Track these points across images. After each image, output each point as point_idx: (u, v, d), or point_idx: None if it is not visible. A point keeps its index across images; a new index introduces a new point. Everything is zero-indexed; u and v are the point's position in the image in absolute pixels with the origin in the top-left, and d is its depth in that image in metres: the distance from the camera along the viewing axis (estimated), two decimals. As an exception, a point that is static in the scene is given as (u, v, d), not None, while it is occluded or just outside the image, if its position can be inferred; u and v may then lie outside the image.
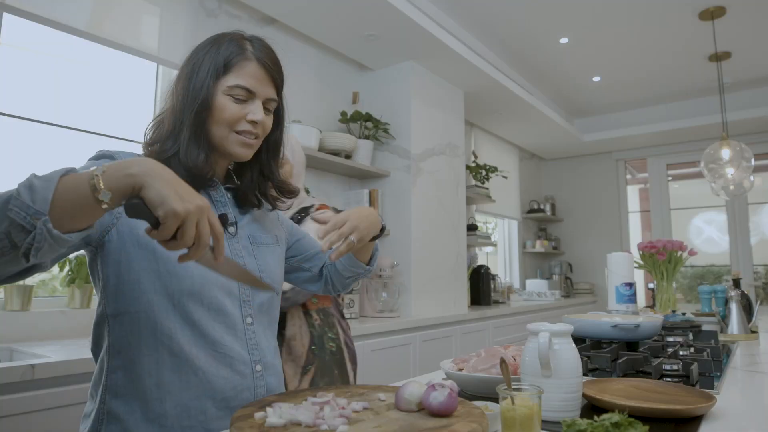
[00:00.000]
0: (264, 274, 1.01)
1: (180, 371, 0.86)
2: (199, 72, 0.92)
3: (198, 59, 0.93)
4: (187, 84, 0.92)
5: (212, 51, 0.93)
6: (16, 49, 2.08)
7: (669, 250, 2.42)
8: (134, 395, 0.85)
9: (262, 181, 1.05)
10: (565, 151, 6.21)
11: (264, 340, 0.99)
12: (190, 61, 0.95)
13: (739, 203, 5.39)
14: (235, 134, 0.93)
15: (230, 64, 0.92)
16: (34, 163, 2.11)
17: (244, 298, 0.96)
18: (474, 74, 3.74)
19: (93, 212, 0.65)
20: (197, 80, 0.91)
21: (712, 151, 3.63)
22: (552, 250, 6.00)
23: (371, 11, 2.83)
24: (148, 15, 2.40)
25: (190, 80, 0.92)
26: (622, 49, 4.14)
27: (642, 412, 0.84)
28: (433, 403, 0.74)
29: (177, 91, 0.94)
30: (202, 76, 0.91)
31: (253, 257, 1.00)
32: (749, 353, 1.60)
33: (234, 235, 0.99)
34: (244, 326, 0.95)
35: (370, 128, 3.32)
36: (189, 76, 0.93)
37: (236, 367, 0.92)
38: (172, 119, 0.92)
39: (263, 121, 0.94)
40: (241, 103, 0.92)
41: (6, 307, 1.88)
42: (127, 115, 2.36)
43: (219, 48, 0.93)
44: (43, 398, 1.41)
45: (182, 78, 0.94)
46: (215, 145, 0.94)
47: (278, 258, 1.08)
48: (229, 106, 0.91)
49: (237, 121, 0.92)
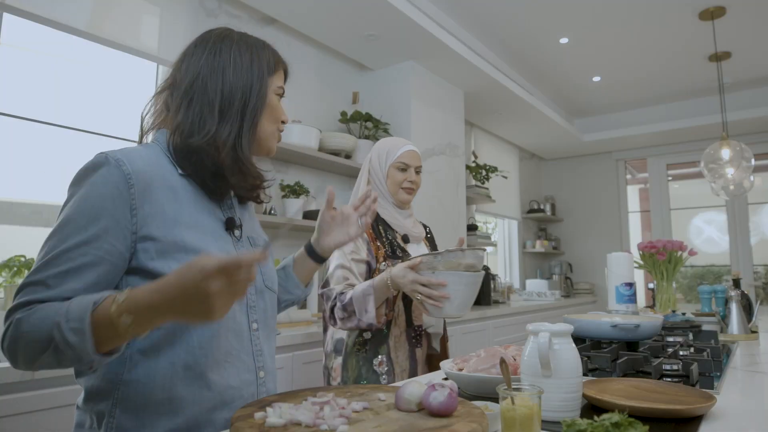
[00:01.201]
0: (266, 276, 1.00)
1: (193, 385, 0.85)
2: (252, 68, 0.94)
3: (249, 55, 0.95)
4: (238, 78, 0.92)
5: (257, 49, 0.97)
6: (16, 49, 2.08)
7: (669, 250, 2.41)
8: (145, 410, 0.82)
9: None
10: (565, 151, 6.21)
11: (266, 346, 0.98)
12: (234, 56, 0.94)
13: (739, 203, 5.39)
14: (277, 131, 1.00)
15: (277, 67, 0.99)
16: (34, 163, 2.11)
17: (251, 303, 0.95)
18: (474, 74, 3.74)
19: (127, 338, 0.74)
20: (254, 73, 0.94)
21: (712, 151, 3.63)
22: (552, 250, 6.00)
23: (371, 11, 2.83)
24: (148, 15, 2.40)
25: (239, 77, 0.93)
26: (622, 49, 4.14)
27: (642, 412, 0.84)
28: (433, 403, 0.74)
29: (222, 84, 0.92)
30: (258, 74, 0.94)
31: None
32: (749, 353, 1.60)
33: (240, 238, 0.97)
34: (250, 333, 0.94)
35: (370, 128, 3.32)
36: (240, 70, 0.93)
37: (242, 376, 0.91)
38: (220, 103, 0.91)
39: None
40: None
41: (6, 307, 1.88)
42: (127, 115, 2.36)
43: (264, 48, 0.98)
44: (43, 398, 1.41)
45: (234, 64, 0.93)
46: (260, 140, 0.96)
47: (271, 258, 1.08)
48: (279, 105, 0.98)
49: (281, 120, 1.00)
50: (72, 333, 0.70)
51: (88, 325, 0.70)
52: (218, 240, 0.91)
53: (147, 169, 0.84)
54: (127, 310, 0.69)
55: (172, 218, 0.84)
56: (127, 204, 0.80)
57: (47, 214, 2.19)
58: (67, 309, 0.71)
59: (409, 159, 1.70)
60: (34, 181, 2.13)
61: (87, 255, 0.77)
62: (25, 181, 2.10)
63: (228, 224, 0.94)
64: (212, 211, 0.93)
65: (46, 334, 0.71)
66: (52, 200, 2.21)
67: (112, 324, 0.69)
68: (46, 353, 0.72)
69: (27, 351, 0.73)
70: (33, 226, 2.15)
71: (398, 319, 1.59)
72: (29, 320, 0.72)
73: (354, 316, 1.48)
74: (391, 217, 1.71)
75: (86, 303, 0.71)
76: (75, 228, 0.78)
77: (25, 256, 1.94)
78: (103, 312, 0.70)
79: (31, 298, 0.75)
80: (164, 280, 0.69)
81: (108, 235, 0.79)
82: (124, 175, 0.80)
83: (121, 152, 0.83)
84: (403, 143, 1.74)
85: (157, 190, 0.84)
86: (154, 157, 0.88)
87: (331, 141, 3.05)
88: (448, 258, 1.38)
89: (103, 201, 0.79)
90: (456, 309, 1.39)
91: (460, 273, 1.38)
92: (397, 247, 1.66)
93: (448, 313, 1.40)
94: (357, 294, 1.48)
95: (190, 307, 0.68)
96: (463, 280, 1.38)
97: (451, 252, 1.38)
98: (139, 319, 0.69)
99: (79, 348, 0.70)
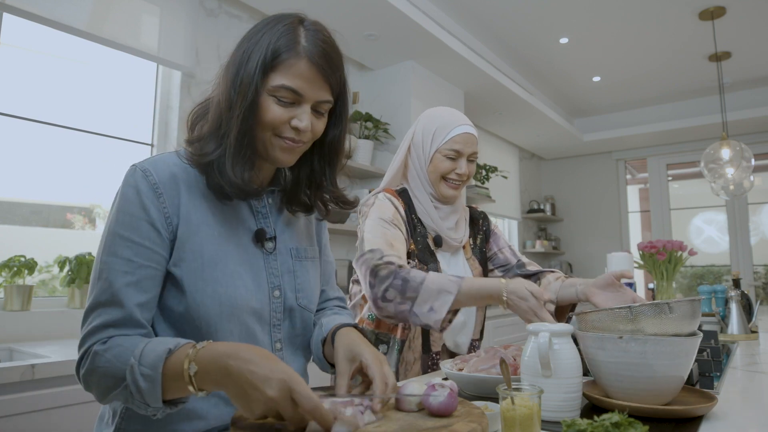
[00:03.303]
0: (300, 294, 0.93)
1: (208, 400, 0.83)
2: (248, 63, 0.79)
3: (250, 45, 0.81)
4: (235, 76, 0.80)
5: (266, 37, 0.80)
6: (16, 49, 2.08)
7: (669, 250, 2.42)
8: (152, 421, 0.79)
9: (314, 188, 0.95)
10: (565, 151, 6.21)
11: (294, 365, 0.93)
12: (242, 45, 0.83)
13: (739, 203, 5.39)
14: (277, 138, 0.82)
15: (279, 60, 0.79)
16: (34, 163, 2.11)
17: (275, 322, 0.90)
18: (474, 74, 3.73)
19: (190, 392, 0.71)
20: (245, 74, 0.79)
21: (712, 151, 3.63)
22: (552, 250, 6.00)
23: (371, 11, 2.83)
24: (148, 15, 2.40)
25: (238, 72, 0.80)
26: (622, 49, 4.14)
27: (642, 412, 0.84)
28: (433, 403, 0.74)
29: (225, 81, 0.82)
30: (251, 70, 0.79)
31: (292, 275, 0.92)
32: (749, 353, 1.60)
33: (272, 251, 0.91)
34: (273, 352, 0.89)
35: (370, 128, 3.32)
36: (238, 66, 0.80)
37: None
38: (216, 115, 0.82)
39: (309, 127, 0.82)
40: (286, 106, 0.80)
41: (6, 307, 1.88)
42: (127, 115, 2.36)
43: (272, 34, 0.80)
44: (43, 398, 1.41)
45: (232, 65, 0.82)
46: (258, 149, 0.84)
47: (317, 273, 1.00)
48: (272, 108, 0.80)
49: (280, 126, 0.81)
50: (143, 379, 0.70)
51: (159, 374, 0.70)
52: (243, 252, 0.86)
53: (174, 176, 0.82)
54: (195, 360, 0.69)
55: (195, 225, 0.82)
56: (161, 212, 0.80)
57: (47, 214, 2.19)
58: (142, 352, 0.71)
59: (462, 144, 1.34)
60: (34, 181, 2.13)
61: (142, 268, 0.77)
62: (25, 181, 2.10)
63: (258, 236, 0.89)
64: (243, 220, 0.88)
65: (120, 373, 0.71)
66: (52, 200, 2.21)
67: (182, 375, 0.69)
68: (117, 390, 0.72)
69: (100, 384, 0.74)
70: (33, 226, 2.15)
71: (413, 343, 1.32)
72: (105, 356, 0.73)
73: (408, 303, 1.16)
74: (425, 212, 1.37)
75: (161, 350, 0.71)
76: (121, 242, 0.77)
77: (24, 256, 1.94)
78: (177, 361, 0.70)
79: (106, 321, 0.75)
80: (248, 351, 0.67)
81: (153, 243, 0.78)
82: (151, 185, 0.79)
83: (149, 161, 0.82)
84: (457, 120, 1.37)
85: (184, 198, 0.82)
86: (183, 164, 0.84)
87: (331, 141, 3.04)
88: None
89: (139, 211, 0.78)
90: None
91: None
92: (427, 251, 1.34)
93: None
94: (431, 284, 1.16)
95: (245, 391, 0.65)
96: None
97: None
98: (203, 373, 0.68)
99: (147, 394, 0.70)
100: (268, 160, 0.86)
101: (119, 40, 2.26)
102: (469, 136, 1.35)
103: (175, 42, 2.46)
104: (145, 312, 0.78)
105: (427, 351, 1.33)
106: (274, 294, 0.89)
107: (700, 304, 0.90)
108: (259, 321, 0.87)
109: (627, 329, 0.88)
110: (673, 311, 0.87)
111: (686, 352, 0.85)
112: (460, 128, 1.35)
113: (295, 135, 0.82)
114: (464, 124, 1.37)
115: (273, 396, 0.63)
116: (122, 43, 2.27)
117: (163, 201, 0.80)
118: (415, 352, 1.32)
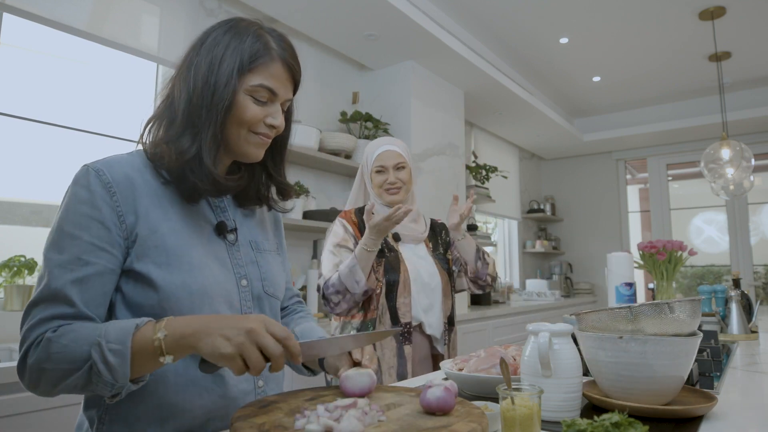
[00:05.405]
0: (266, 282, 0.96)
1: (185, 392, 0.83)
2: (221, 66, 0.84)
3: (218, 51, 0.85)
4: (207, 77, 0.84)
5: (234, 43, 0.86)
6: (16, 49, 2.08)
7: (669, 250, 2.41)
8: (136, 418, 0.81)
9: (267, 180, 1.00)
10: (565, 151, 6.21)
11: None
12: (208, 51, 0.86)
13: (739, 203, 5.39)
14: (252, 134, 0.88)
15: (255, 63, 0.86)
16: (34, 163, 2.11)
17: (245, 310, 0.91)
18: (474, 74, 3.74)
19: (157, 366, 0.75)
20: (220, 75, 0.83)
21: (712, 151, 3.63)
22: (552, 250, 6.00)
23: (371, 11, 2.83)
24: (148, 15, 2.40)
25: (211, 73, 0.84)
26: (622, 49, 4.14)
27: (642, 412, 0.84)
28: (431, 399, 0.74)
29: (193, 83, 0.84)
30: (226, 72, 0.84)
31: (256, 265, 0.95)
32: (749, 353, 1.60)
33: (234, 243, 0.93)
34: None
35: (370, 128, 3.32)
36: (209, 69, 0.84)
37: (240, 386, 0.88)
38: (187, 113, 0.84)
39: (283, 124, 0.90)
40: (262, 105, 0.87)
41: (6, 307, 1.88)
42: (127, 115, 2.36)
43: (242, 41, 0.86)
44: (42, 398, 1.41)
45: (199, 68, 0.85)
46: (229, 144, 0.88)
47: (280, 266, 1.03)
48: (250, 107, 0.85)
49: (256, 123, 0.87)
50: (112, 354, 0.70)
51: (128, 348, 0.71)
52: (207, 244, 0.88)
53: (128, 176, 0.82)
54: (165, 327, 0.72)
55: (155, 222, 0.82)
56: (114, 211, 0.79)
57: (47, 214, 2.19)
58: (106, 330, 0.72)
59: (384, 160, 1.69)
60: (34, 181, 2.13)
61: (88, 265, 0.77)
62: (25, 181, 2.10)
63: (219, 228, 0.91)
64: (203, 215, 0.90)
65: (79, 355, 0.71)
66: (52, 200, 2.21)
67: (151, 344, 0.71)
68: (74, 375, 0.72)
69: (54, 372, 0.72)
70: (33, 226, 2.15)
71: (383, 317, 1.59)
72: (60, 341, 0.72)
73: (348, 293, 1.53)
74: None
75: (128, 325, 0.72)
76: (70, 240, 0.77)
77: (24, 256, 1.94)
78: (145, 332, 0.72)
79: (54, 314, 0.75)
80: (220, 315, 0.74)
81: (103, 242, 0.78)
82: (105, 185, 0.79)
83: (103, 162, 0.83)
84: (379, 144, 1.73)
85: (140, 197, 0.82)
86: (138, 164, 0.85)
87: (331, 141, 3.05)
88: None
89: (90, 210, 0.78)
90: None
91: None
92: (385, 246, 1.65)
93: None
94: (343, 271, 1.54)
95: (220, 326, 0.70)
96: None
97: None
98: (172, 337, 0.71)
99: (116, 370, 0.71)
100: (237, 155, 0.91)
101: (119, 40, 2.27)
102: (389, 152, 1.70)
103: (175, 42, 2.46)
104: (94, 308, 0.78)
105: (396, 322, 1.59)
106: (241, 283, 0.92)
107: (700, 304, 0.91)
108: (230, 309, 0.88)
109: (627, 329, 0.89)
110: (673, 311, 0.88)
111: (686, 352, 0.85)
112: (381, 148, 1.71)
113: (268, 131, 0.89)
114: (385, 145, 1.72)
115: (251, 327, 0.70)
116: (122, 43, 2.27)
117: (117, 200, 0.80)
118: (385, 325, 1.59)
